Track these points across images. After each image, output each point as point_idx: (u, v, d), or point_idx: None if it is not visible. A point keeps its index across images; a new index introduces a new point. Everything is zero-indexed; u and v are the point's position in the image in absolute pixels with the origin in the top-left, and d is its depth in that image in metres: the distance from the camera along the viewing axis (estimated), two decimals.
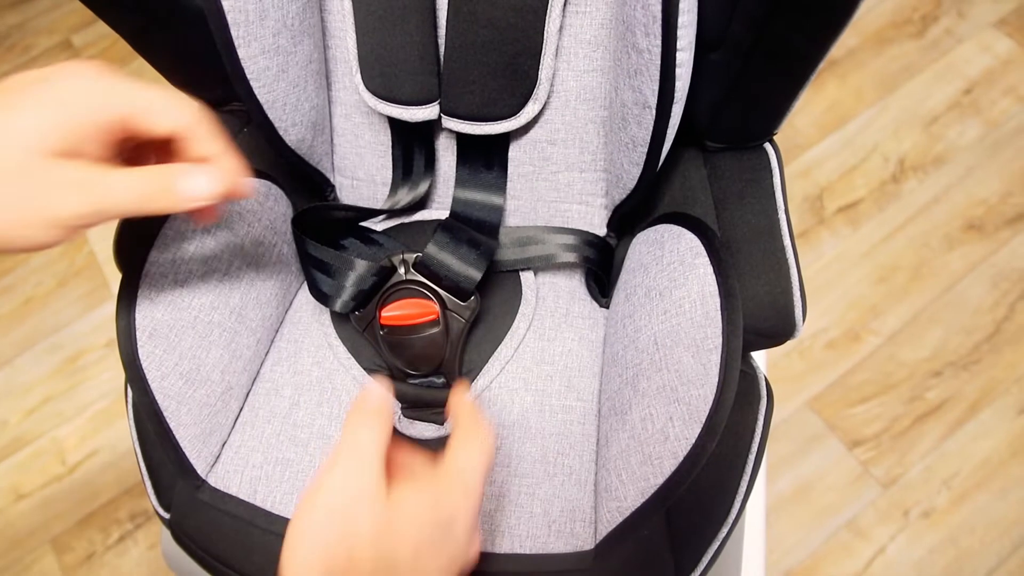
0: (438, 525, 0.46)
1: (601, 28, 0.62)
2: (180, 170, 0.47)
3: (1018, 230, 1.34)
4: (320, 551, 0.43)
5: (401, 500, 0.45)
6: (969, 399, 1.23)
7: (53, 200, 0.43)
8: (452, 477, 0.48)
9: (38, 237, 0.43)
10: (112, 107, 0.45)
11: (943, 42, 1.51)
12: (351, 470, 0.46)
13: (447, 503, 0.47)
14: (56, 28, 1.70)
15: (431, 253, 0.63)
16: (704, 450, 0.50)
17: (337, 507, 0.44)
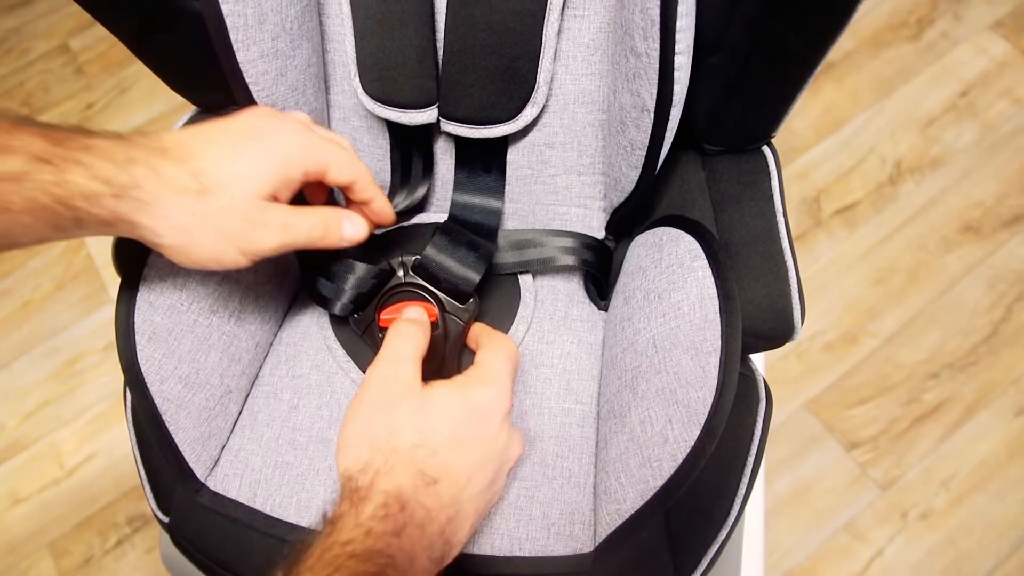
0: (471, 415, 0.52)
1: (599, 32, 0.62)
2: (343, 215, 0.57)
3: (1015, 232, 1.34)
4: (365, 433, 0.50)
5: (435, 391, 0.52)
6: (967, 401, 1.23)
7: (260, 236, 0.51)
8: (481, 376, 0.55)
9: (229, 262, 0.51)
10: (313, 162, 0.53)
11: (939, 45, 1.51)
12: (389, 370, 0.53)
13: (478, 397, 0.53)
14: (54, 32, 1.70)
15: (430, 256, 0.64)
16: (703, 452, 0.50)
17: (378, 398, 0.52)
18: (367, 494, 0.46)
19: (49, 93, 1.64)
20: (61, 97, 1.64)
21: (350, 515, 0.45)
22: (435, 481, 0.48)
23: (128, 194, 0.46)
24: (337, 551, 0.43)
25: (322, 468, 0.63)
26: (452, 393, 0.52)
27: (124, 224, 0.47)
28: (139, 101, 1.62)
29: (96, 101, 1.63)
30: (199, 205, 0.48)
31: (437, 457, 0.49)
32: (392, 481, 0.47)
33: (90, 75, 1.66)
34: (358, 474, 0.48)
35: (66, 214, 0.45)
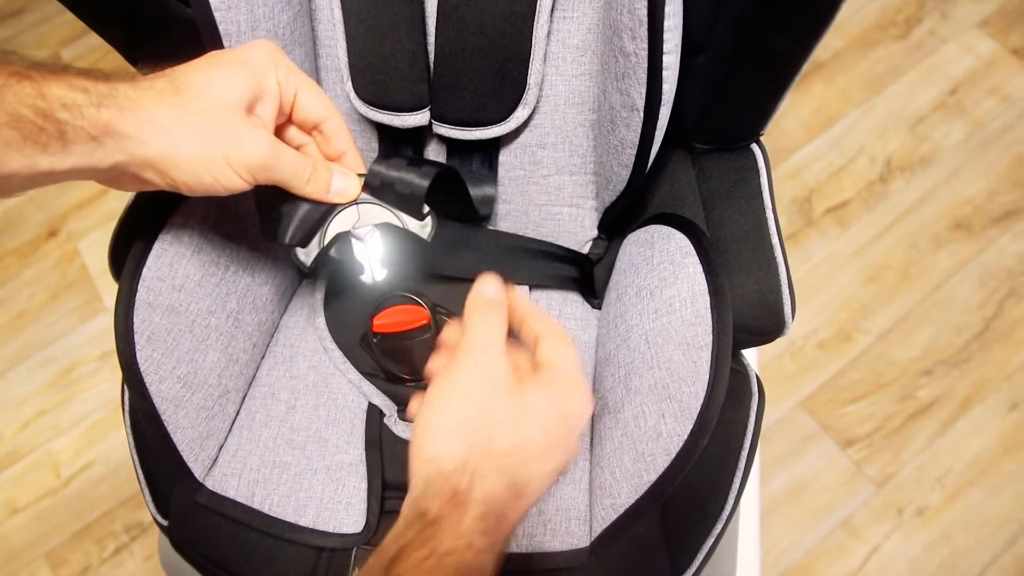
0: (562, 426, 0.48)
1: (588, 33, 0.63)
2: (336, 169, 0.56)
3: (1005, 228, 1.35)
4: (461, 426, 0.46)
5: (529, 393, 0.48)
6: (960, 397, 1.24)
7: (245, 145, 0.50)
8: (569, 381, 0.50)
9: (228, 178, 0.50)
10: (284, 72, 0.53)
11: (927, 43, 1.52)
12: (483, 363, 0.49)
13: (570, 407, 0.49)
14: (45, 42, 1.70)
15: (377, 170, 0.59)
16: (696, 446, 0.51)
17: (475, 391, 0.47)
18: (466, 499, 0.44)
19: None
20: None
21: (450, 520, 0.43)
22: (521, 495, 0.47)
23: (108, 102, 0.46)
24: (438, 560, 0.41)
25: (319, 468, 0.63)
26: (546, 399, 0.49)
27: (109, 139, 0.46)
28: None
29: None
30: (178, 106, 0.48)
31: (527, 468, 0.47)
32: (488, 489, 0.45)
33: None
34: (455, 473, 0.45)
35: (50, 128, 0.44)
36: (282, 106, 0.54)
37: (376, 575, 0.41)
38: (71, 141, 0.45)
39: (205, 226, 0.62)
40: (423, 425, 0.47)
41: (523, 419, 0.47)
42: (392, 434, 0.66)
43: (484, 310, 0.52)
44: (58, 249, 1.47)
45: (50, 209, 1.50)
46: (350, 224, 0.58)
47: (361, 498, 0.62)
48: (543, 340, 0.52)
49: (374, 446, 0.64)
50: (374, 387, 0.67)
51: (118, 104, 0.46)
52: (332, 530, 0.61)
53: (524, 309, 0.53)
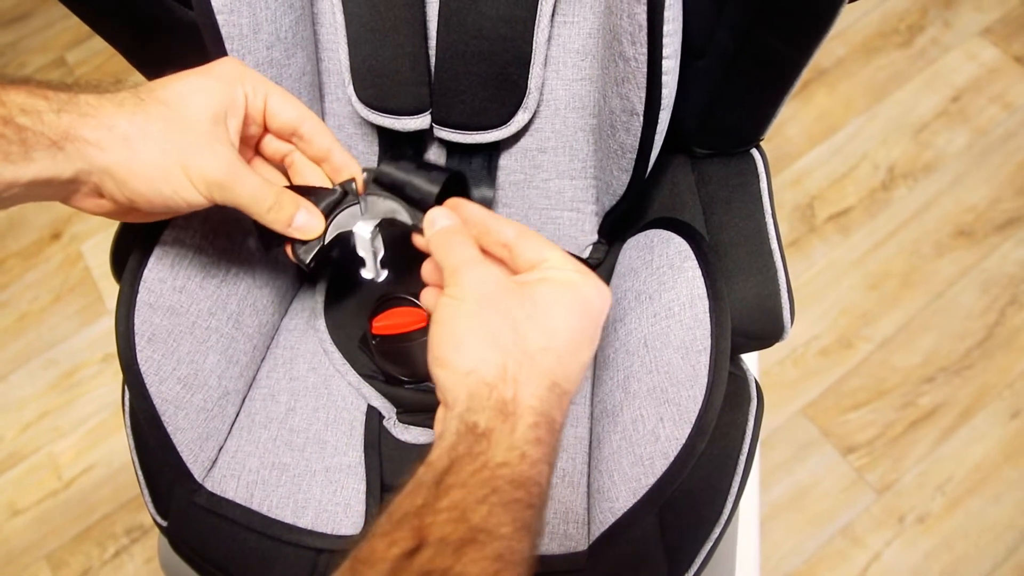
0: (585, 313, 0.47)
1: (589, 37, 0.63)
2: (303, 203, 0.55)
3: (1008, 235, 1.35)
4: (486, 331, 0.44)
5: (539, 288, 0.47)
6: (962, 404, 1.24)
7: (204, 158, 0.49)
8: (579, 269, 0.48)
9: (186, 191, 0.49)
10: (251, 85, 0.53)
11: (930, 51, 1.52)
12: (479, 274, 0.47)
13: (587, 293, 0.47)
14: (50, 46, 1.71)
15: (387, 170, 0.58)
16: (694, 450, 0.51)
17: (486, 295, 0.46)
18: (515, 409, 0.42)
19: None
20: None
21: (502, 432, 0.41)
22: (565, 392, 0.45)
23: (69, 108, 0.46)
24: (492, 472, 0.40)
25: (318, 469, 0.63)
26: (560, 290, 0.47)
27: (70, 144, 0.46)
28: None
29: None
30: (139, 114, 0.48)
31: (563, 363, 0.45)
32: (534, 395, 0.43)
33: None
34: (498, 382, 0.43)
35: (9, 134, 0.44)
36: (254, 116, 0.54)
37: (427, 487, 0.39)
38: (32, 147, 0.45)
39: (206, 228, 0.63)
40: (442, 338, 0.45)
41: (545, 315, 0.46)
42: (391, 436, 0.66)
43: (448, 236, 0.50)
44: (61, 252, 1.48)
45: (54, 212, 1.50)
46: (352, 222, 0.57)
47: (360, 500, 0.62)
48: (520, 243, 0.50)
49: (373, 448, 0.64)
50: (373, 389, 0.68)
51: (79, 110, 0.46)
52: (331, 532, 0.61)
53: (481, 222, 0.52)
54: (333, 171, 0.58)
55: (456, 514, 0.38)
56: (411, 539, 0.37)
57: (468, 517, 0.37)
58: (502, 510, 0.38)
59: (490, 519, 0.38)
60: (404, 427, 0.66)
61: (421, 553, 0.36)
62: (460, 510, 0.38)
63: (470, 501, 0.38)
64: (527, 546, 0.39)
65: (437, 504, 0.38)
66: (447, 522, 0.37)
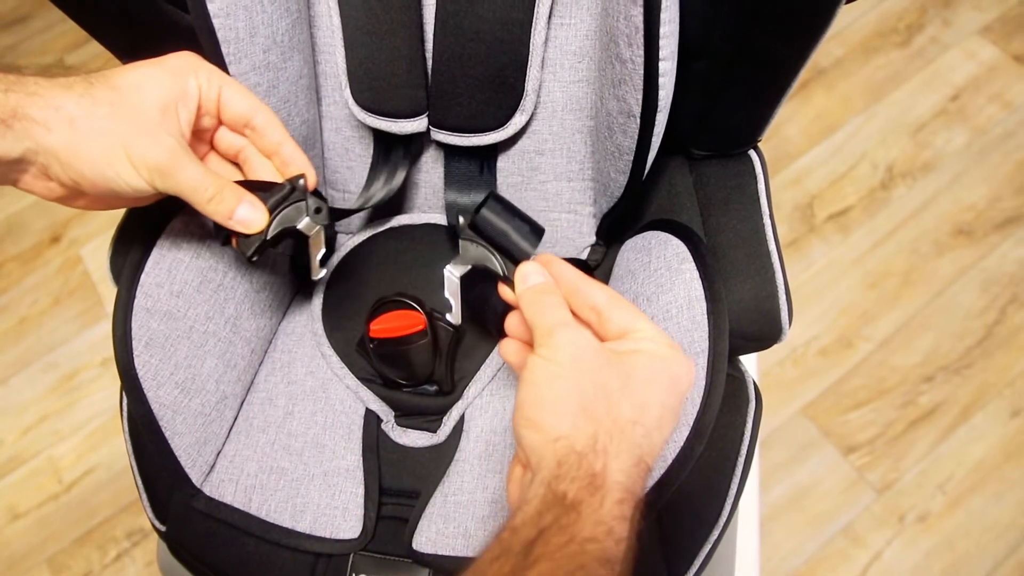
0: (673, 390, 0.46)
1: (586, 39, 0.63)
2: (245, 195, 0.54)
3: (1007, 234, 1.35)
4: (580, 398, 0.44)
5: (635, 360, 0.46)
6: (962, 403, 1.23)
7: (147, 145, 0.49)
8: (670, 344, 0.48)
9: (129, 175, 0.49)
10: (205, 76, 0.53)
11: (928, 50, 1.52)
12: (573, 338, 0.46)
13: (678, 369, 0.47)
14: (49, 49, 1.71)
15: (488, 218, 0.57)
16: (692, 453, 0.50)
17: (583, 368, 0.45)
18: (603, 482, 0.42)
19: None
20: None
21: (591, 505, 0.41)
22: (648, 468, 0.44)
23: (16, 88, 0.46)
24: (579, 546, 0.39)
25: (317, 473, 0.63)
26: (653, 364, 0.46)
27: (18, 123, 0.46)
28: None
29: None
30: (87, 97, 0.48)
31: (650, 439, 0.45)
32: (622, 470, 0.43)
33: None
34: (588, 452, 0.42)
35: None
36: (207, 108, 0.54)
37: (516, 556, 0.39)
38: None
39: (204, 231, 0.62)
40: (534, 400, 0.45)
41: (637, 387, 0.45)
42: (390, 440, 0.66)
43: (541, 296, 0.50)
44: (60, 255, 1.48)
45: (52, 215, 1.50)
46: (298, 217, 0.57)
47: (358, 504, 0.62)
48: (611, 310, 0.49)
49: (371, 452, 0.64)
50: (371, 393, 0.67)
51: (26, 90, 0.47)
52: (329, 536, 0.61)
53: (571, 283, 0.51)
54: (282, 164, 0.58)
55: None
56: None
57: None
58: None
59: None
60: (402, 430, 0.66)
61: None
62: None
63: (555, 573, 0.38)
64: None
65: (526, 575, 0.38)
66: None
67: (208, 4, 0.56)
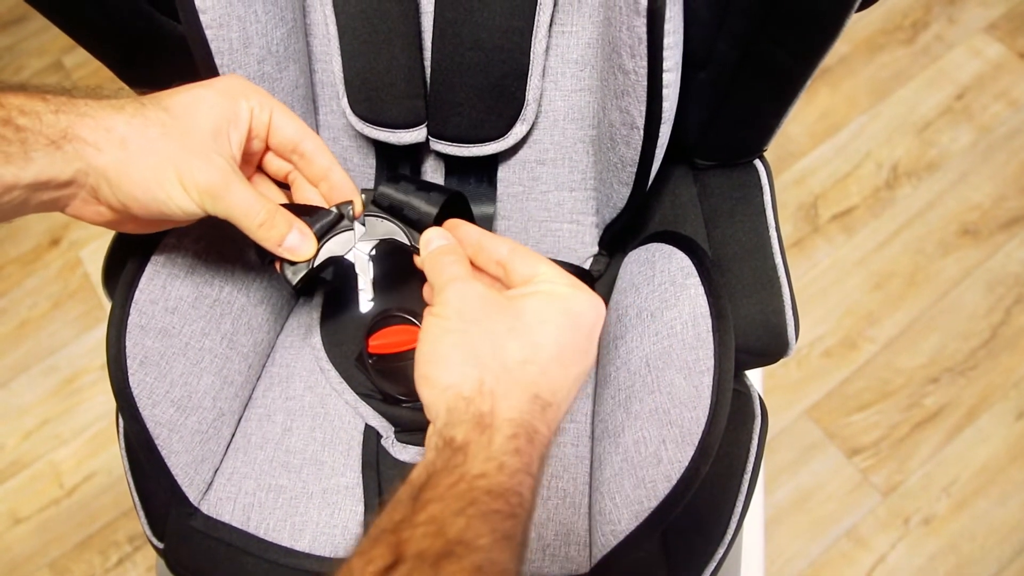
0: (573, 326, 0.47)
1: (588, 48, 0.62)
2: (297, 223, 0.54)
3: (1013, 234, 1.34)
4: (465, 346, 0.45)
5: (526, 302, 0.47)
6: (967, 405, 1.23)
7: (199, 166, 0.49)
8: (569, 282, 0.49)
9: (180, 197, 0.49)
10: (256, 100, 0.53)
11: (934, 48, 1.51)
12: (463, 290, 0.48)
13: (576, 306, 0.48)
14: (47, 49, 1.70)
15: (386, 192, 0.58)
16: (698, 473, 0.50)
17: (467, 311, 0.46)
18: (492, 421, 0.42)
19: None
20: None
21: (479, 444, 0.41)
22: (549, 404, 0.45)
23: (67, 108, 0.46)
24: (469, 484, 0.40)
25: (315, 491, 0.62)
26: (548, 304, 0.47)
27: (68, 144, 0.46)
28: None
29: None
30: (138, 118, 0.48)
31: (547, 376, 0.45)
32: (514, 407, 0.43)
33: None
34: (475, 395, 0.43)
35: (9, 134, 0.44)
36: (258, 131, 0.54)
37: (405, 503, 0.39)
38: (31, 147, 0.45)
39: (199, 246, 0.62)
40: (426, 356, 0.47)
41: (528, 328, 0.46)
42: (390, 456, 0.65)
43: (439, 256, 0.51)
44: (60, 258, 1.47)
45: (52, 218, 1.49)
46: (345, 247, 0.57)
47: (358, 522, 0.61)
48: (513, 259, 0.50)
49: (371, 468, 0.63)
50: (371, 408, 0.67)
51: (77, 111, 0.46)
52: (329, 555, 0.60)
53: (475, 242, 0.52)
54: (330, 190, 0.57)
55: (433, 528, 0.37)
56: (388, 555, 0.36)
57: (445, 531, 0.37)
58: (480, 522, 0.38)
59: (468, 531, 0.37)
60: (402, 446, 0.66)
61: (398, 569, 0.35)
62: (437, 524, 0.37)
63: (447, 514, 0.38)
64: (509, 556, 0.38)
65: (414, 519, 0.38)
66: (424, 536, 0.37)
67: (201, 15, 0.55)
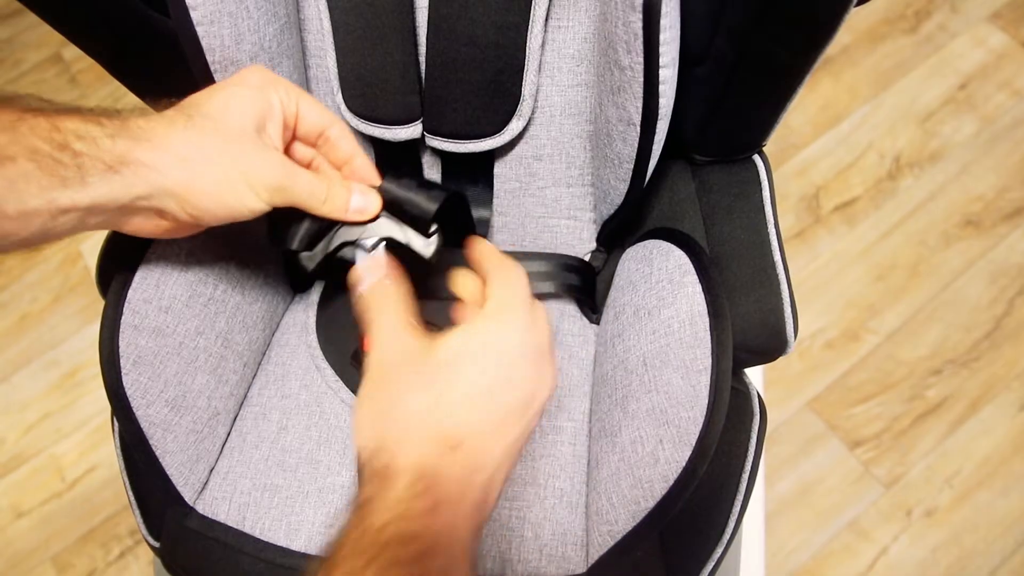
0: (485, 359, 0.45)
1: (584, 42, 0.62)
2: (354, 185, 0.55)
3: (1016, 225, 1.33)
4: (374, 408, 0.45)
5: (440, 344, 0.46)
6: (969, 396, 1.22)
7: (261, 165, 0.50)
8: (488, 313, 0.47)
9: (249, 199, 0.50)
10: (283, 90, 0.53)
11: (937, 37, 1.50)
12: (384, 342, 0.47)
13: (489, 337, 0.46)
14: (45, 42, 1.69)
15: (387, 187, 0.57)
16: (695, 473, 0.49)
17: (381, 371, 0.46)
18: (392, 472, 0.42)
19: None
20: None
21: (380, 498, 0.41)
22: (459, 444, 0.43)
23: (122, 133, 0.46)
24: (372, 537, 0.39)
25: (311, 490, 0.62)
26: (459, 340, 0.46)
27: (126, 169, 0.46)
28: None
29: None
30: (192, 131, 0.48)
31: (454, 417, 0.44)
32: (413, 454, 0.42)
33: (84, 84, 1.65)
34: (377, 451, 0.43)
35: (66, 160, 0.45)
36: (287, 121, 0.54)
37: (319, 570, 0.39)
38: (88, 172, 0.45)
39: (193, 244, 0.61)
40: (353, 427, 0.47)
41: (435, 373, 0.45)
42: None
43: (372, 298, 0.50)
44: (60, 252, 1.47)
45: None
46: (357, 233, 0.57)
47: None
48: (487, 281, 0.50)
49: None
50: None
51: (131, 134, 0.47)
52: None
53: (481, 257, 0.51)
54: (351, 175, 0.58)
55: None
56: None
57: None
58: (387, 571, 0.38)
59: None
60: None
61: None
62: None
63: (356, 570, 0.38)
64: None
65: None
66: None
67: (191, 12, 0.55)
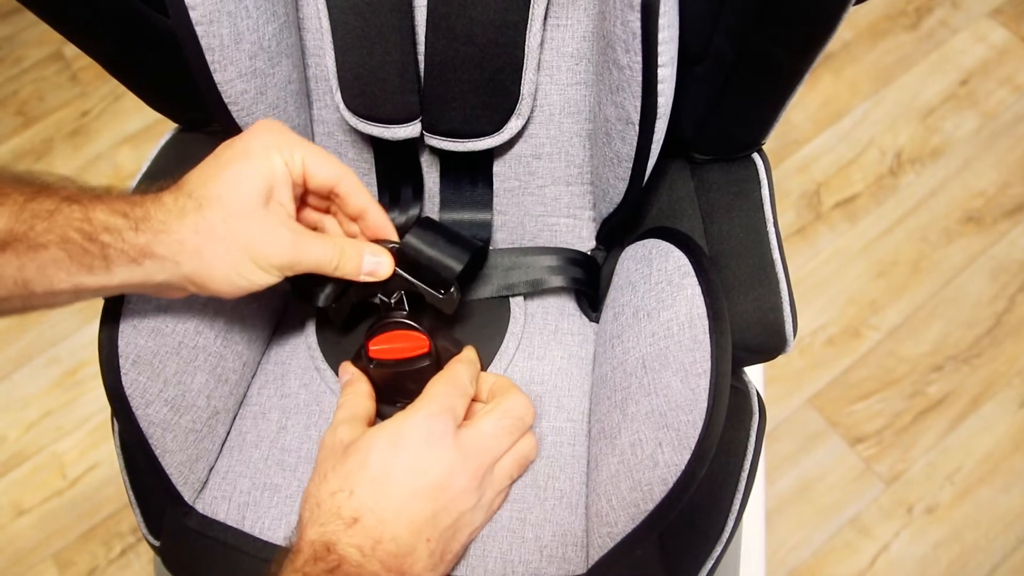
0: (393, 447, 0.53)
1: (583, 41, 0.61)
2: (365, 246, 0.59)
3: (1017, 221, 1.33)
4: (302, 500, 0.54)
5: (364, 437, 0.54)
6: (971, 393, 1.22)
7: (268, 246, 0.53)
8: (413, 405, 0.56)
9: (259, 277, 0.53)
10: (288, 151, 0.55)
11: (938, 33, 1.50)
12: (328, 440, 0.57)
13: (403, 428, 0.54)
14: (46, 40, 1.69)
15: (410, 243, 0.61)
16: (694, 476, 0.49)
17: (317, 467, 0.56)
18: (298, 547, 0.49)
19: (44, 101, 1.63)
20: (56, 105, 1.63)
21: (286, 570, 0.48)
22: (355, 520, 0.50)
23: (143, 226, 0.49)
24: None
25: None
26: (377, 432, 0.54)
27: (148, 260, 0.49)
28: (134, 108, 1.60)
29: (91, 108, 1.62)
30: (201, 221, 0.50)
31: (355, 498, 0.51)
32: (315, 530, 0.49)
33: (84, 82, 1.65)
34: (296, 531, 0.51)
35: (95, 251, 0.48)
36: (295, 179, 0.56)
37: None
38: (113, 262, 0.49)
39: None
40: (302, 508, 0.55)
41: (347, 461, 0.53)
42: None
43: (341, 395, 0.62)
44: None
45: None
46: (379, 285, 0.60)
47: None
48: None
49: None
50: None
51: (152, 228, 0.49)
52: None
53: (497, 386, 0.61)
54: (367, 229, 0.61)
55: None
56: None
57: None
58: None
59: None
60: None
61: None
62: None
63: None
64: None
65: None
66: None
67: (190, 11, 0.55)
